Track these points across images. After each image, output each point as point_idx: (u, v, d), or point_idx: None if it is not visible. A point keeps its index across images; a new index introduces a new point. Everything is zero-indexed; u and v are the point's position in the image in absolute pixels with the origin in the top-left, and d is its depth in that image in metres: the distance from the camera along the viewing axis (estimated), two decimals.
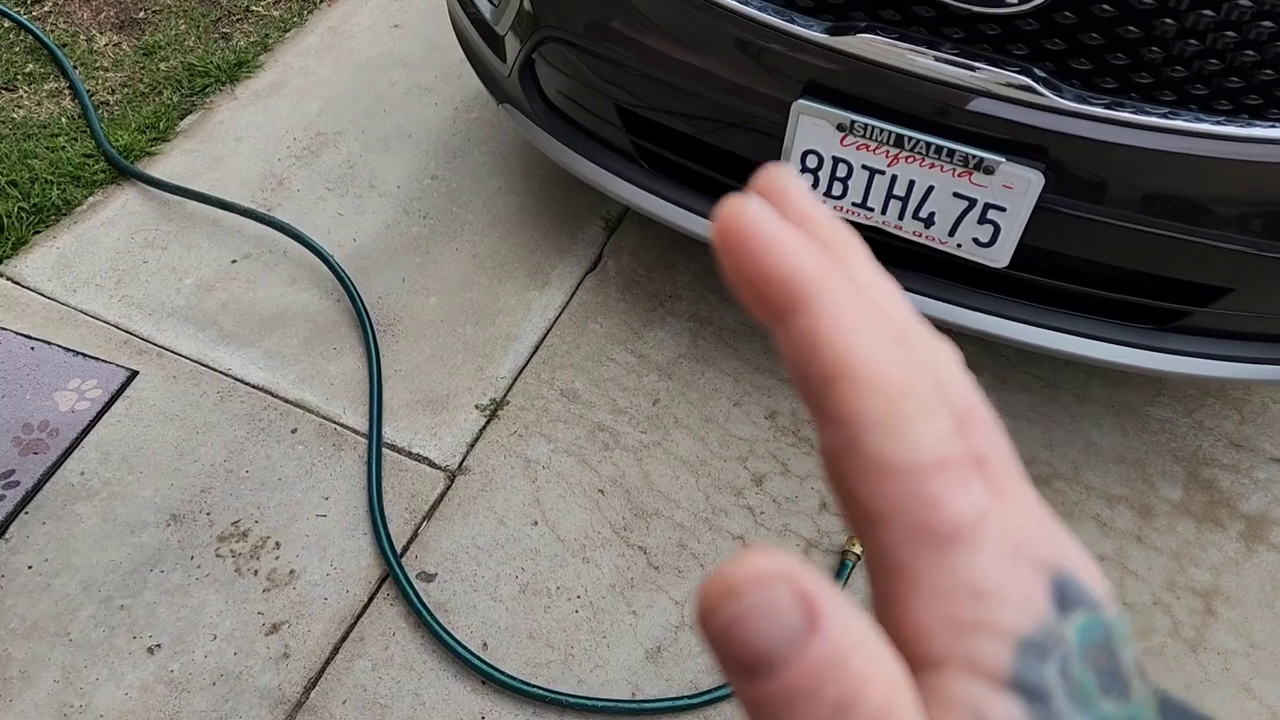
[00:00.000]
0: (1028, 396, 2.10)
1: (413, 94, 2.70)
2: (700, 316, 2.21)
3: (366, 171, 2.50)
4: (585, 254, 2.33)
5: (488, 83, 2.09)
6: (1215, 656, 1.75)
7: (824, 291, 0.21)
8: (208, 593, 1.78)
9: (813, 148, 1.58)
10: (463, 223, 2.39)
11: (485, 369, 2.11)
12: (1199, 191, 1.44)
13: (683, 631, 1.75)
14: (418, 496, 1.92)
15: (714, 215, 0.22)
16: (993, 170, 1.48)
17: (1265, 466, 2.00)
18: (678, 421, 2.03)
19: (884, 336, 0.21)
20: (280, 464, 1.95)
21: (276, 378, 2.08)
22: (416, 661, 1.72)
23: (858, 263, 0.23)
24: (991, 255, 1.58)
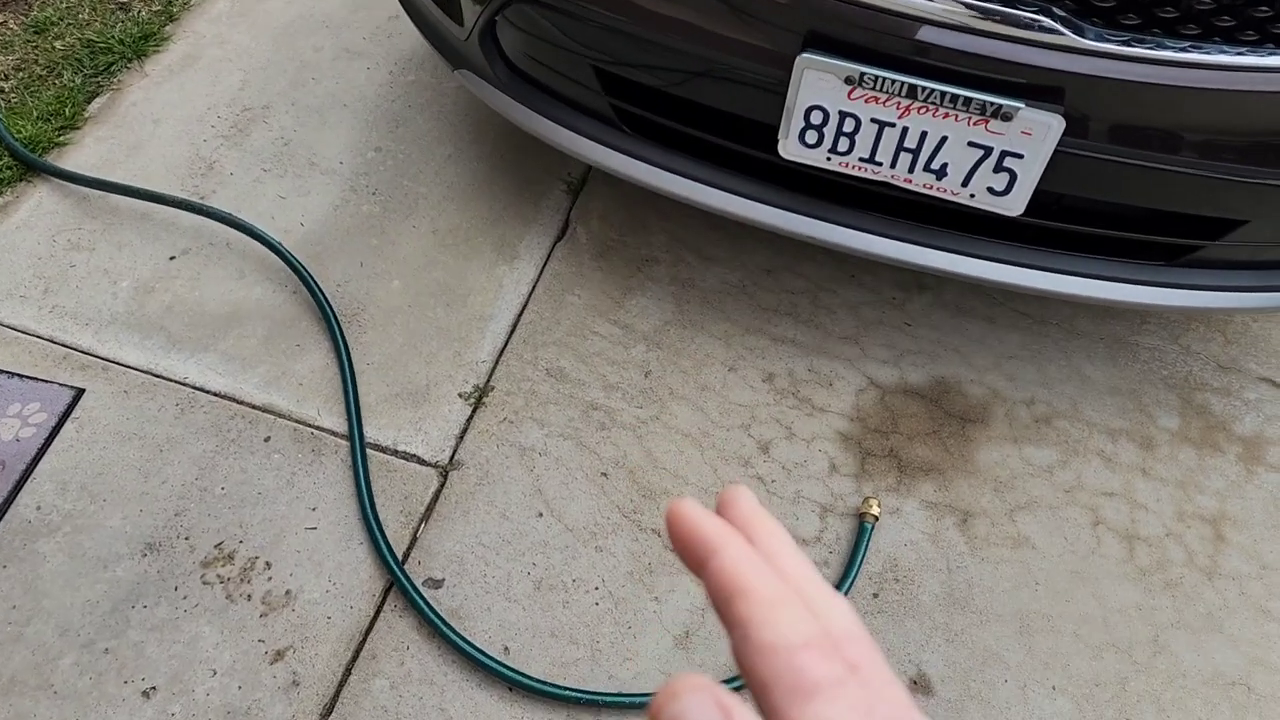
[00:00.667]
0: (1018, 335, 2.07)
1: (342, 59, 2.52)
2: (681, 279, 2.12)
3: (304, 147, 2.33)
4: (551, 221, 2.21)
5: (440, 48, 1.94)
6: (1230, 582, 1.77)
7: (725, 546, 0.32)
8: (199, 624, 1.66)
9: (818, 103, 1.49)
10: (416, 197, 2.25)
11: (463, 354, 2.00)
12: (1222, 125, 1.40)
13: (709, 613, 1.70)
14: (411, 497, 1.81)
15: (666, 513, 0.33)
16: (1011, 117, 1.42)
17: (1254, 386, 2.02)
18: (673, 393, 1.95)
19: (766, 573, 0.31)
20: (258, 476, 1.82)
21: (239, 383, 1.94)
22: (436, 674, 1.63)
23: (775, 540, 0.34)
24: (1006, 204, 1.52)
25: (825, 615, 0.31)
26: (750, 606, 0.30)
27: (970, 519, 1.82)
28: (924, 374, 2.00)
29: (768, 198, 1.73)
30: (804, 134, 1.54)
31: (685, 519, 0.34)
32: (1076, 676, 1.66)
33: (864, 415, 1.94)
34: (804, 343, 2.03)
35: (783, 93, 1.51)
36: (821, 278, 2.13)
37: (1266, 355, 2.07)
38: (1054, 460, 1.90)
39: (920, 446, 1.90)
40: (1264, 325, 2.11)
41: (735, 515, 0.35)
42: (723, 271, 2.14)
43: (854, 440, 1.91)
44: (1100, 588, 1.76)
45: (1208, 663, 1.68)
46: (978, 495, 1.85)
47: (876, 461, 1.88)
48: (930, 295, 2.12)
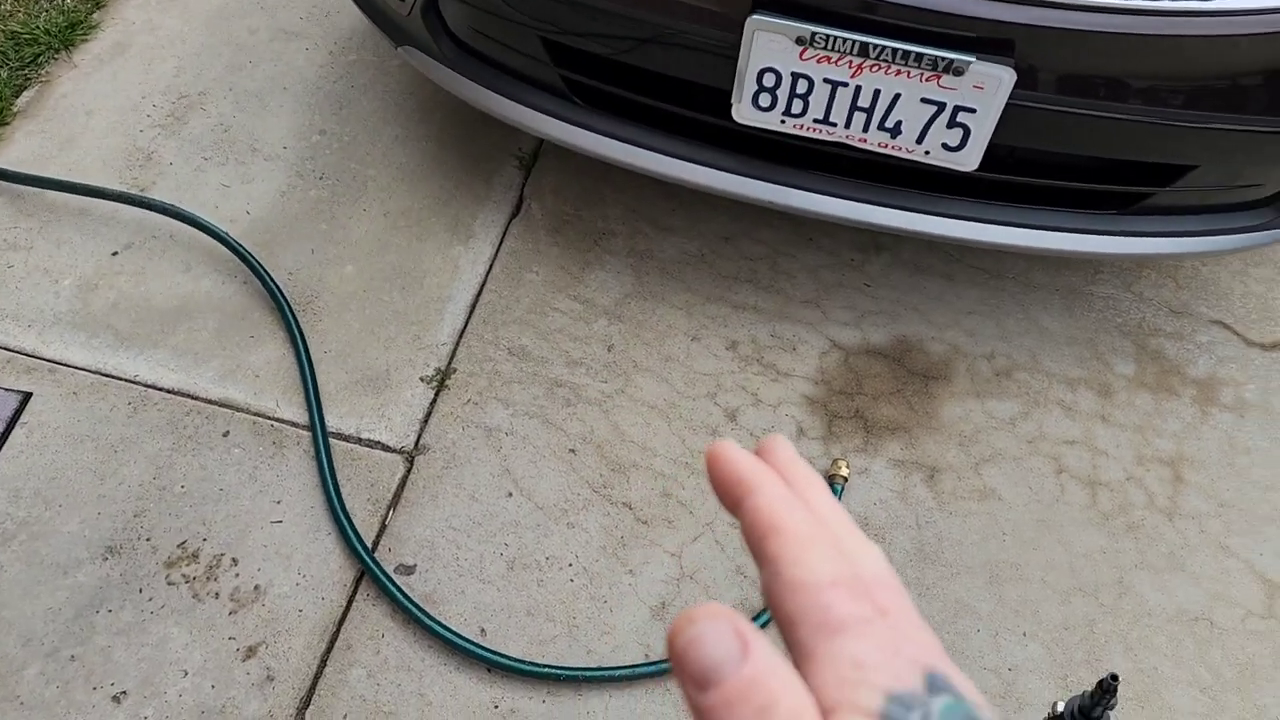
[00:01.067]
0: (976, 290, 2.09)
1: (278, 40, 2.45)
2: (639, 251, 2.10)
3: (245, 134, 2.27)
4: (505, 199, 2.18)
5: (382, 24, 1.89)
6: (1190, 521, 1.81)
7: (762, 485, 0.33)
8: (167, 626, 1.63)
9: (770, 65, 1.48)
10: (364, 179, 2.20)
11: (422, 337, 1.97)
12: (1168, 71, 1.41)
13: (684, 583, 1.70)
14: (378, 485, 1.78)
15: (706, 453, 0.34)
16: (963, 71, 1.41)
17: (1206, 329, 2.06)
18: (637, 365, 1.94)
19: (801, 512, 0.32)
20: (218, 473, 1.78)
21: (193, 378, 1.89)
22: (414, 660, 1.61)
23: (813, 488, 0.34)
24: (961, 159, 1.53)
25: (858, 560, 0.31)
26: (782, 544, 0.31)
27: (937, 474, 1.84)
28: (885, 334, 2.01)
29: (723, 164, 1.72)
30: (757, 97, 1.53)
31: (725, 459, 0.34)
32: (1046, 622, 1.69)
33: (828, 378, 1.95)
34: (765, 309, 2.03)
35: (734, 56, 1.49)
36: (780, 242, 2.13)
37: (1217, 298, 2.10)
38: (1016, 412, 1.92)
39: (885, 406, 1.92)
40: (1213, 269, 2.15)
41: (774, 461, 0.35)
42: (681, 241, 2.12)
43: (820, 403, 1.91)
44: (1065, 534, 1.78)
45: (1171, 600, 1.72)
46: (943, 451, 1.86)
47: (843, 423, 1.89)
48: (888, 255, 2.13)
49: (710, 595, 1.69)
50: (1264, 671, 1.66)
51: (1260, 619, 1.71)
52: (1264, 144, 1.53)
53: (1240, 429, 1.93)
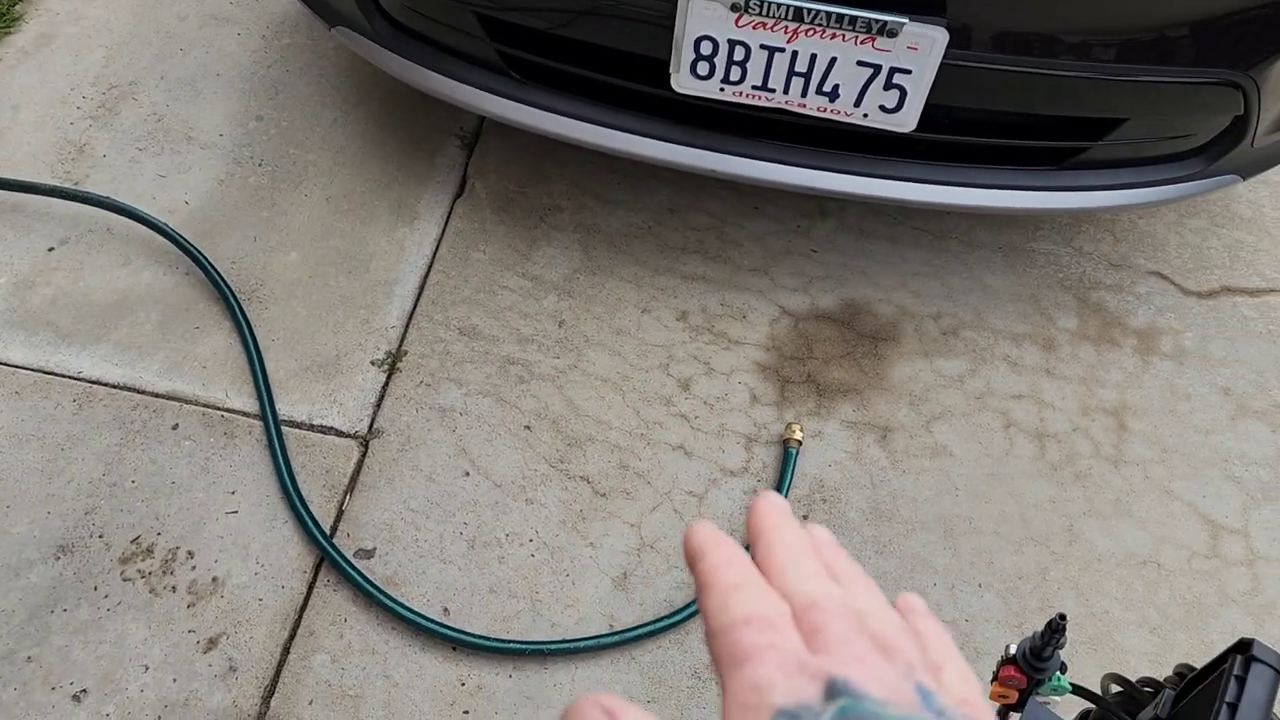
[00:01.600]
0: (920, 252, 2.12)
1: (209, 26, 2.41)
2: (586, 225, 2.10)
3: (179, 122, 2.23)
4: (448, 179, 2.17)
5: (314, 6, 1.86)
6: (1135, 468, 1.86)
7: (706, 550, 0.35)
8: (125, 622, 1.61)
9: (706, 33, 1.48)
10: (305, 164, 2.17)
11: (371, 320, 1.95)
12: (1097, 25, 1.44)
13: (645, 553, 1.71)
14: (333, 471, 1.77)
15: (687, 534, 0.36)
16: (896, 33, 1.43)
17: (1144, 280, 2.10)
18: (589, 340, 1.95)
19: (738, 566, 0.34)
20: (169, 466, 1.76)
21: (138, 372, 1.86)
22: (378, 643, 1.61)
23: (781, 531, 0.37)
24: (899, 120, 1.54)
25: (798, 585, 0.34)
26: (709, 597, 0.33)
27: (889, 434, 1.86)
28: (834, 298, 2.03)
29: (666, 134, 1.72)
30: (695, 66, 1.53)
31: (691, 534, 0.36)
32: (1000, 572, 1.73)
33: (779, 344, 1.96)
34: (714, 278, 2.04)
35: (670, 25, 1.49)
36: (725, 212, 2.14)
37: (1153, 250, 2.15)
38: (964, 369, 1.95)
39: (836, 369, 1.94)
40: (1149, 221, 2.20)
41: (750, 519, 0.38)
42: (627, 214, 2.13)
43: (772, 369, 1.93)
44: (1016, 486, 1.82)
45: (1119, 545, 1.77)
46: (894, 410, 1.89)
47: (795, 388, 1.91)
48: (833, 220, 2.15)
49: (671, 564, 1.71)
50: (1210, 609, 1.71)
51: (1205, 559, 1.76)
52: (1192, 95, 1.56)
53: (1180, 376, 1.98)
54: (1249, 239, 2.19)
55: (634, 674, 1.60)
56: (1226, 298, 2.09)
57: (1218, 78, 1.52)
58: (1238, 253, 2.16)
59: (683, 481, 1.79)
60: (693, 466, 1.81)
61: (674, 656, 1.62)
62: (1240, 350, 2.01)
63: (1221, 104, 1.58)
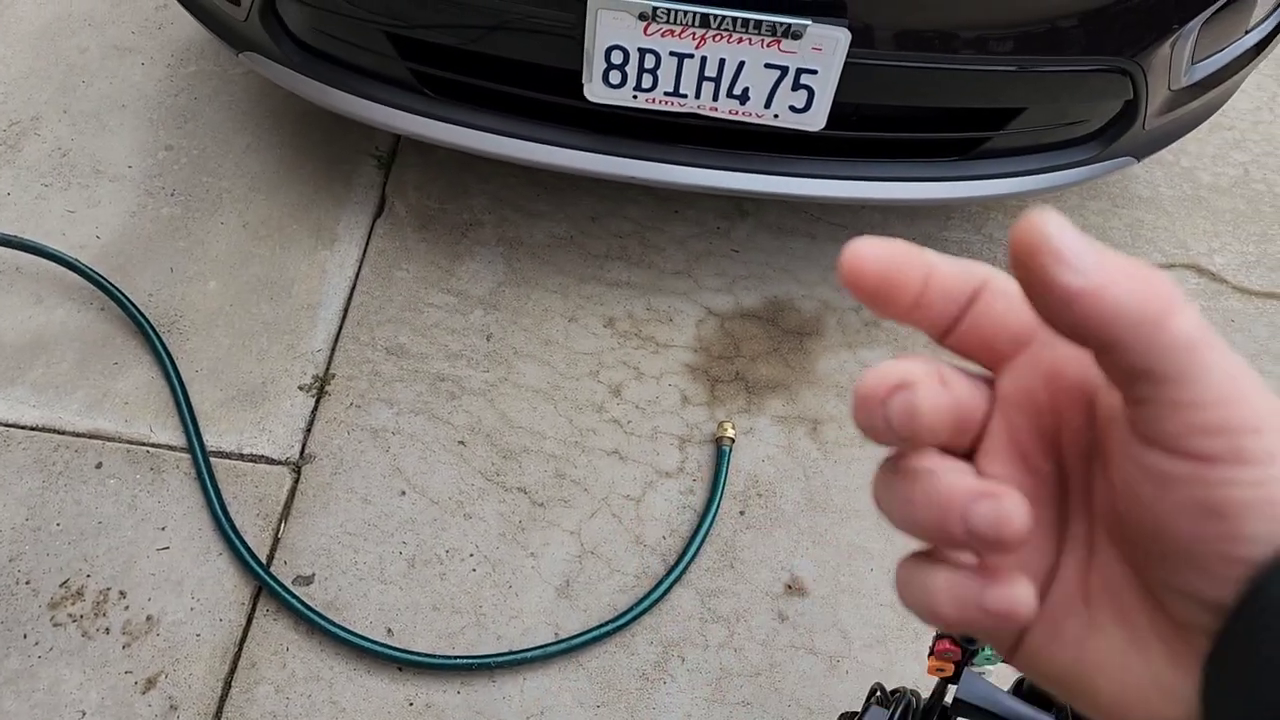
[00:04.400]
0: (838, 246, 2.16)
1: (111, 57, 2.36)
2: (508, 239, 2.11)
3: (85, 156, 2.18)
4: (366, 199, 2.16)
5: (220, 32, 1.85)
6: None
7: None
8: (58, 668, 1.57)
9: (616, 43, 1.50)
10: (219, 192, 2.14)
11: (296, 345, 1.93)
12: (992, 19, 1.50)
13: (586, 559, 1.73)
14: (266, 499, 1.75)
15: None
16: (800, 34, 1.47)
17: None
18: (517, 352, 1.95)
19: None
20: (94, 506, 1.72)
21: (56, 412, 1.82)
22: (322, 669, 1.60)
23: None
24: (808, 120, 1.58)
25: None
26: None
27: (819, 426, 1.90)
28: (757, 296, 2.07)
29: (582, 144, 1.74)
30: (607, 75, 1.56)
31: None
32: None
33: (707, 344, 1.99)
34: (638, 283, 2.06)
35: (581, 37, 1.51)
36: (646, 217, 2.16)
37: None
38: (887, 358, 2.00)
39: (764, 366, 1.97)
40: (1054, 206, 2.27)
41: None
42: (549, 225, 2.14)
43: (701, 370, 1.96)
44: None
45: None
46: (823, 403, 1.93)
47: (725, 387, 1.94)
48: (753, 220, 2.19)
49: (613, 568, 1.72)
50: None
51: None
52: (1084, 82, 1.63)
53: None
54: (1148, 217, 2.28)
55: (582, 680, 1.61)
56: None
57: (1107, 65, 1.59)
58: (1139, 231, 2.25)
59: (619, 486, 1.80)
60: (628, 470, 1.82)
61: (620, 660, 1.64)
62: None
63: (1112, 90, 1.65)
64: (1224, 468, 0.27)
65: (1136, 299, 0.27)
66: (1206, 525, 0.27)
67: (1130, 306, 0.27)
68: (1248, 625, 0.27)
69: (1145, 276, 0.27)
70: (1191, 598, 0.29)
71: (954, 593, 0.31)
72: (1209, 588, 0.28)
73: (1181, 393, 0.27)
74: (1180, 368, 0.27)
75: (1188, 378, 0.27)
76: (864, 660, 1.66)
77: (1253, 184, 2.36)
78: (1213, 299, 2.14)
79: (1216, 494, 0.27)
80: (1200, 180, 2.35)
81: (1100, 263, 0.27)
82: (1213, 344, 0.27)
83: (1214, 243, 2.24)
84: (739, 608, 1.70)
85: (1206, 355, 0.27)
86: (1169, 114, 1.75)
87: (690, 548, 1.71)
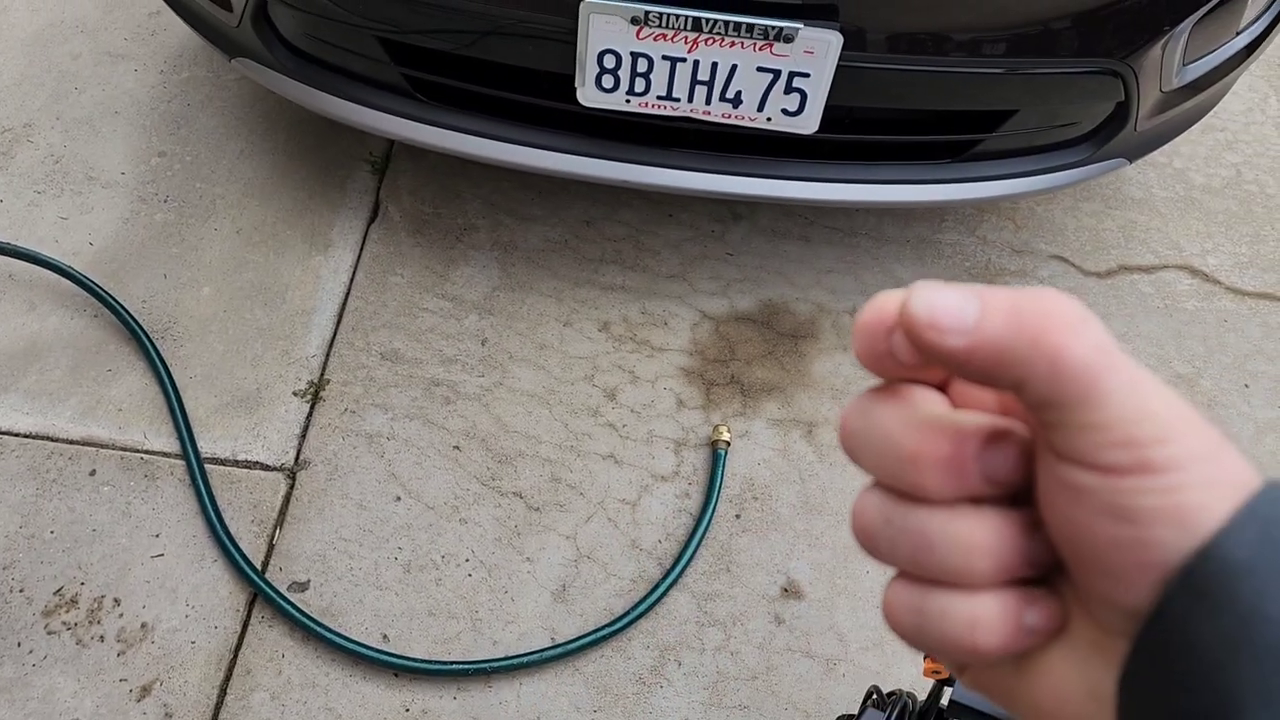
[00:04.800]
0: (832, 249, 2.17)
1: (104, 64, 2.36)
2: (503, 243, 2.11)
3: (78, 163, 2.18)
4: (361, 204, 2.16)
5: (212, 38, 1.84)
6: None
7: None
8: (53, 677, 1.56)
9: (609, 47, 1.51)
10: (212, 199, 2.14)
11: (291, 351, 1.93)
12: (984, 22, 1.50)
13: (582, 564, 1.72)
14: (261, 505, 1.75)
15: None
16: (792, 38, 1.47)
17: (1046, 264, 2.19)
18: (512, 356, 1.95)
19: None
20: (89, 513, 1.71)
21: (50, 419, 1.81)
22: (318, 676, 1.59)
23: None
24: (801, 123, 1.59)
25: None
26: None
27: (815, 429, 1.90)
28: (752, 299, 2.07)
29: (576, 148, 1.74)
30: (600, 79, 1.56)
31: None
32: None
33: (702, 348, 1.99)
34: (633, 287, 2.06)
35: (573, 41, 1.51)
36: (640, 221, 2.16)
37: (1053, 235, 2.23)
38: None
39: (759, 369, 1.97)
40: (1047, 208, 2.28)
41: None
42: (543, 229, 2.14)
43: (696, 373, 1.96)
44: None
45: None
46: (818, 405, 1.93)
47: (720, 390, 1.94)
48: (746, 224, 2.19)
49: (609, 572, 1.72)
50: None
51: None
52: (1076, 84, 1.63)
53: None
54: (1141, 219, 2.28)
55: (578, 685, 1.61)
56: (1124, 276, 2.18)
57: (1099, 67, 1.59)
58: (1131, 232, 2.26)
59: (615, 490, 1.80)
60: (624, 474, 1.82)
61: (617, 664, 1.63)
62: (1140, 325, 2.10)
63: (1104, 91, 1.65)
64: (1132, 478, 0.27)
65: (1026, 337, 0.28)
66: (1118, 531, 0.28)
67: (1020, 346, 0.28)
68: (1158, 635, 0.28)
69: (1034, 310, 0.28)
70: (1113, 605, 0.29)
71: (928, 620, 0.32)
72: (1125, 595, 0.28)
73: (1086, 415, 0.28)
74: (1082, 393, 0.28)
75: (1090, 401, 0.28)
76: (860, 663, 1.66)
77: (1245, 185, 2.36)
78: (1206, 300, 2.15)
79: (1126, 502, 0.28)
80: (1193, 181, 2.36)
81: (983, 313, 0.28)
82: (1113, 364, 0.28)
83: (1207, 244, 2.25)
84: (735, 611, 1.70)
85: (1107, 378, 0.27)
86: (1161, 115, 1.75)
87: (686, 551, 1.71)
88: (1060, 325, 0.28)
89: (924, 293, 0.29)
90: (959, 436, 0.31)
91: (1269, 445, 1.94)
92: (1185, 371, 2.04)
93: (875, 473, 0.33)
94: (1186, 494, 0.27)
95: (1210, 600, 0.26)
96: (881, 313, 0.32)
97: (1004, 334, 0.28)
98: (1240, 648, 0.25)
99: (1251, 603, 0.26)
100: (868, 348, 0.32)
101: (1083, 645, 0.31)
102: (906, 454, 0.31)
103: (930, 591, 0.32)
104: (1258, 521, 0.26)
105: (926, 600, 0.32)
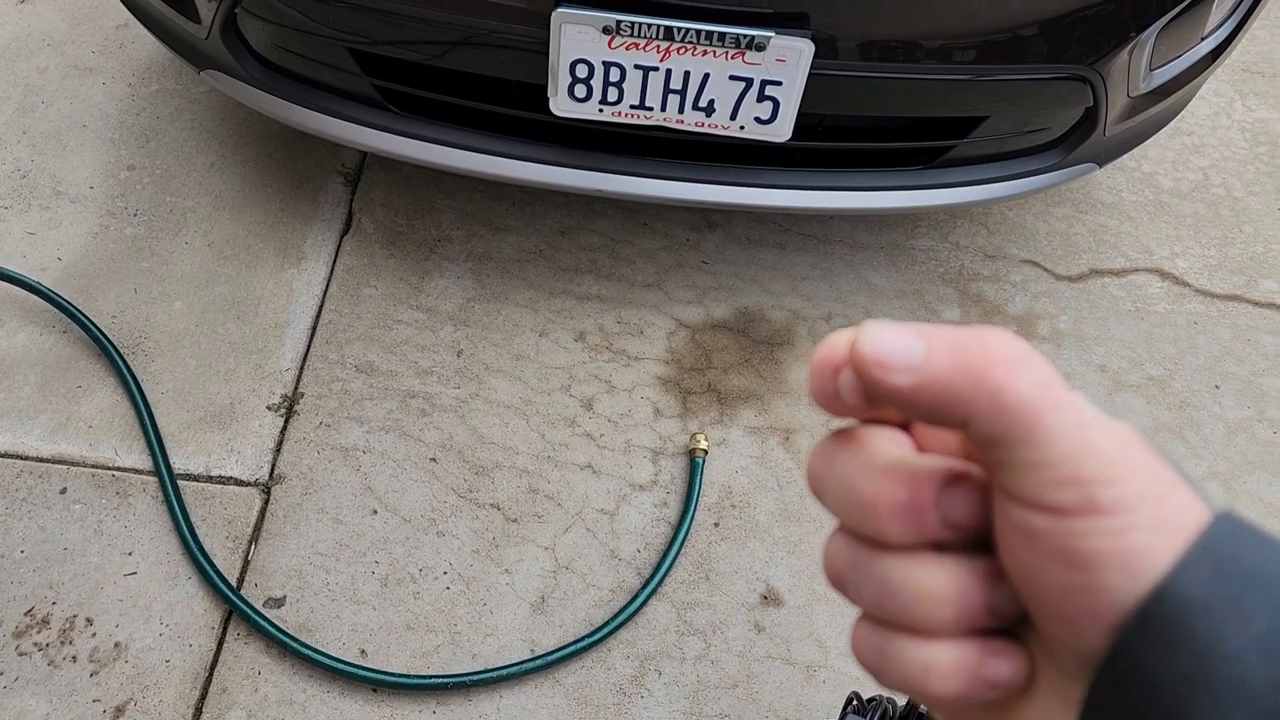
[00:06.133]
0: (807, 256, 2.18)
1: (72, 77, 2.34)
2: (477, 254, 2.10)
3: (45, 177, 2.15)
4: (333, 216, 2.14)
5: (181, 50, 1.83)
6: None
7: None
8: (24, 699, 1.54)
9: (581, 57, 1.51)
10: (183, 212, 2.12)
11: (264, 365, 1.92)
12: (953, 29, 1.51)
13: (561, 574, 1.72)
14: (235, 521, 1.73)
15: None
16: (764, 47, 1.47)
17: (1019, 269, 2.20)
18: (488, 367, 1.94)
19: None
20: (59, 532, 1.69)
21: (19, 438, 1.79)
22: (295, 693, 1.58)
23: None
24: (774, 131, 1.59)
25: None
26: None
27: (792, 435, 1.91)
28: (728, 307, 2.07)
29: (550, 158, 1.73)
30: (573, 89, 1.56)
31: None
32: None
33: (678, 356, 1.99)
34: (609, 296, 2.06)
35: (545, 51, 1.51)
36: (615, 231, 2.16)
37: (1025, 239, 2.25)
38: None
39: (735, 376, 1.97)
40: (1019, 213, 2.30)
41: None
42: (518, 240, 2.13)
43: (673, 382, 1.96)
44: None
45: None
46: (795, 412, 1.94)
47: (697, 398, 1.94)
48: (721, 232, 2.19)
49: (588, 583, 1.71)
50: None
51: None
52: (1044, 90, 1.65)
53: (1059, 357, 2.07)
54: (1111, 223, 2.31)
55: (558, 696, 1.60)
56: (1095, 279, 2.20)
57: (1067, 73, 1.61)
58: (1102, 236, 2.28)
59: (593, 500, 1.80)
60: (602, 484, 1.82)
61: (597, 675, 1.63)
62: (1112, 328, 2.12)
63: (1072, 97, 1.67)
64: (1079, 519, 0.27)
65: (969, 374, 0.28)
66: (1069, 577, 0.27)
67: (963, 384, 0.28)
68: (1113, 677, 0.27)
69: (976, 347, 0.28)
70: (1070, 650, 0.29)
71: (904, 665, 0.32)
72: (1080, 640, 0.28)
73: (1030, 453, 0.27)
74: (1025, 430, 0.27)
75: (1034, 439, 0.27)
76: (840, 669, 1.66)
77: (1212, 188, 2.39)
78: (1176, 302, 2.17)
79: (1073, 545, 0.27)
80: (1161, 185, 2.39)
81: (927, 352, 0.28)
82: (1056, 400, 0.28)
83: (1176, 247, 2.27)
84: (715, 619, 1.69)
85: (1049, 414, 0.27)
86: (1129, 120, 1.77)
87: (665, 560, 1.71)
88: (1001, 362, 0.28)
89: (872, 332, 0.29)
90: (915, 481, 0.31)
91: (1240, 446, 1.96)
92: (1157, 374, 2.05)
93: (839, 518, 0.33)
94: (1133, 536, 0.27)
95: (1166, 639, 0.26)
96: (833, 352, 0.32)
97: (947, 371, 0.28)
98: (1198, 686, 0.25)
99: (1208, 640, 0.25)
100: (820, 387, 0.32)
101: (1049, 691, 0.31)
102: (864, 500, 0.31)
103: (892, 636, 0.31)
104: (1211, 557, 0.26)
105: (887, 643, 0.32)
